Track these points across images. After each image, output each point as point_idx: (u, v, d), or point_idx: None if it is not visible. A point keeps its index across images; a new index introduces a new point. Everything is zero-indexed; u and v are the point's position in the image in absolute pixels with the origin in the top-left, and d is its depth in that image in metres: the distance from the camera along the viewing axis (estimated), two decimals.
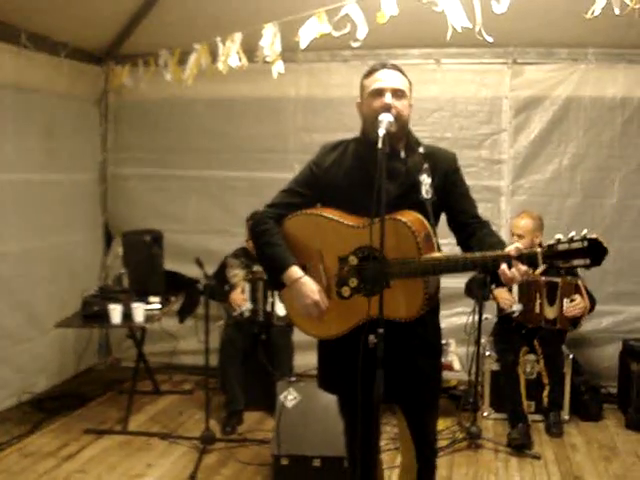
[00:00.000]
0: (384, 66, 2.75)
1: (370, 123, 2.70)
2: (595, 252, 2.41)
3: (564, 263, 2.45)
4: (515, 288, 4.89)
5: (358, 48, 4.05)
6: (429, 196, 2.73)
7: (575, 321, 4.79)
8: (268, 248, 2.80)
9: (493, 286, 4.90)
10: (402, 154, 2.78)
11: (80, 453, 4.41)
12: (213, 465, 4.28)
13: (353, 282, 2.75)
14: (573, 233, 2.43)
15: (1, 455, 4.32)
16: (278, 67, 4.38)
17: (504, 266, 2.49)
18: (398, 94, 2.70)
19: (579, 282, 4.77)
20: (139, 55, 5.50)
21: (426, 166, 2.76)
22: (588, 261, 2.42)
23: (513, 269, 2.48)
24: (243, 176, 5.93)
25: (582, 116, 5.39)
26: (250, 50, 4.45)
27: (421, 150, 2.81)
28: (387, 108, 2.66)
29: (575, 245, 2.42)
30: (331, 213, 2.77)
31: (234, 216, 5.78)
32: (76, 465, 4.24)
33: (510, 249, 2.51)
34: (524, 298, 4.89)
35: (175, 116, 6.01)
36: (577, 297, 4.74)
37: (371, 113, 2.70)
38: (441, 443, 4.53)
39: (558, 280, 4.78)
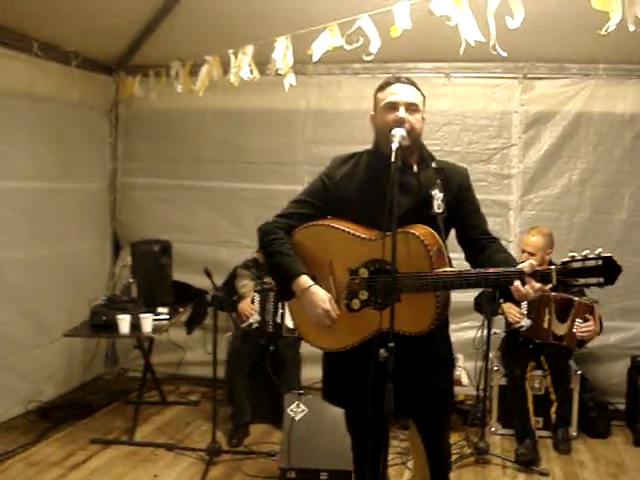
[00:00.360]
0: (398, 80, 2.76)
1: (383, 136, 2.71)
2: (609, 271, 2.40)
3: (577, 281, 2.44)
4: (524, 303, 4.87)
5: (368, 61, 4.04)
6: (440, 211, 2.73)
7: (582, 342, 4.77)
8: (277, 257, 2.79)
9: (501, 300, 4.88)
10: (415, 168, 2.79)
11: (86, 463, 4.41)
12: (219, 477, 4.26)
13: (363, 295, 2.75)
14: (587, 251, 2.43)
15: (7, 464, 4.31)
16: (290, 79, 4.39)
17: (517, 283, 2.48)
18: (412, 108, 2.72)
19: (595, 305, 4.75)
20: (150, 66, 5.52)
21: (438, 181, 2.77)
22: (602, 280, 2.41)
23: (527, 286, 2.48)
24: (252, 187, 5.93)
25: (592, 131, 5.38)
26: (262, 62, 4.46)
27: (434, 165, 2.82)
28: (401, 122, 2.67)
29: (589, 263, 2.41)
30: (342, 225, 2.78)
31: (242, 227, 5.81)
32: (82, 475, 4.24)
33: (524, 266, 2.52)
34: (533, 313, 4.86)
35: (185, 127, 6.02)
36: (590, 318, 4.72)
37: (384, 126, 2.70)
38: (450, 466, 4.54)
39: (575, 299, 4.75)
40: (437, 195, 2.74)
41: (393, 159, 2.53)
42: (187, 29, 5.17)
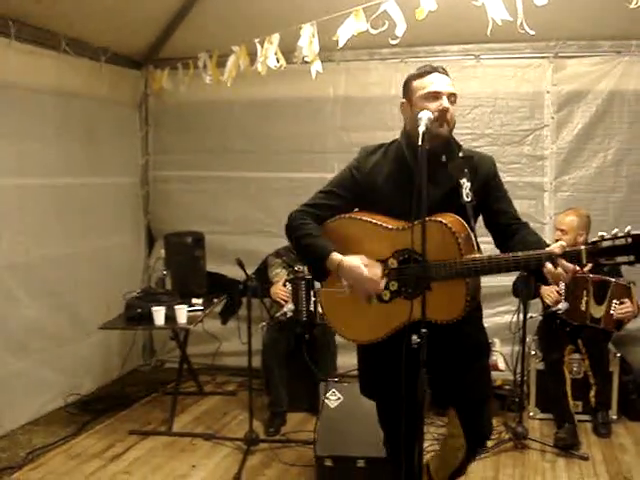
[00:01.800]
0: (435, 69, 2.76)
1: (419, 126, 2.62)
2: (639, 248, 2.36)
3: (608, 260, 2.42)
4: (562, 285, 4.80)
5: (396, 46, 4.02)
6: (469, 199, 2.75)
7: (619, 324, 4.69)
8: (307, 239, 2.81)
9: (539, 283, 4.83)
10: (443, 158, 2.78)
11: (125, 454, 4.45)
12: (257, 466, 4.28)
13: (393, 285, 2.76)
14: (616, 230, 2.40)
15: (48, 456, 4.37)
16: (316, 67, 4.36)
17: (549, 265, 2.46)
18: (451, 99, 2.73)
19: (632, 286, 4.67)
20: (178, 58, 5.52)
21: (466, 170, 2.77)
22: (632, 258, 2.38)
23: (559, 268, 2.46)
24: (282, 177, 5.93)
25: (626, 110, 5.28)
26: (288, 51, 4.44)
27: (461, 154, 2.82)
28: (445, 112, 2.68)
29: (619, 242, 2.39)
30: (369, 216, 2.78)
31: (274, 217, 5.80)
32: (121, 466, 4.28)
33: (554, 247, 2.50)
34: (570, 296, 4.79)
35: (214, 118, 6.03)
36: (627, 301, 4.64)
37: None
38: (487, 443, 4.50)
39: (612, 280, 4.67)
40: (465, 184, 2.75)
41: (420, 142, 2.51)
42: (213, 20, 5.18)
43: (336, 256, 2.73)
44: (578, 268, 2.50)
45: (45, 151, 4.99)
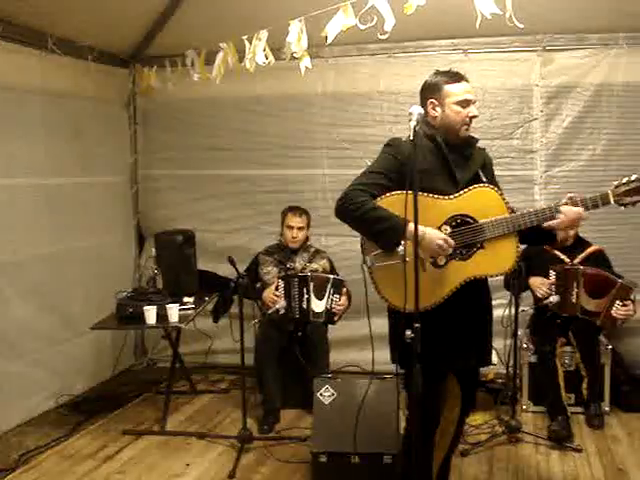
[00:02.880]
0: (463, 77, 3.16)
1: (454, 125, 3.10)
2: None
3: (631, 199, 3.00)
4: (552, 278, 4.81)
5: (385, 41, 4.01)
6: (485, 179, 3.14)
7: (615, 323, 4.71)
8: (377, 212, 2.97)
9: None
10: (468, 151, 3.19)
11: (119, 454, 4.43)
12: (251, 464, 4.27)
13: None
14: (627, 178, 3.02)
15: (41, 458, 4.34)
16: (305, 63, 4.35)
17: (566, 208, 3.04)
18: (476, 105, 3.16)
19: (634, 288, 4.69)
20: (165, 56, 5.52)
21: (479, 156, 3.23)
22: None
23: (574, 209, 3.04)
24: (272, 173, 5.93)
25: (614, 102, 5.29)
26: (277, 47, 4.43)
27: (478, 146, 3.26)
28: (474, 117, 3.11)
29: (633, 185, 3.00)
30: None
31: (264, 213, 5.82)
32: (115, 466, 4.26)
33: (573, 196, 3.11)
34: (561, 287, 4.80)
35: (203, 116, 6.02)
36: (629, 303, 4.66)
37: (459, 120, 3.09)
38: (481, 437, 4.53)
39: (618, 281, 4.66)
40: (481, 172, 3.16)
41: (412, 137, 2.69)
42: (200, 17, 5.15)
43: (412, 226, 2.84)
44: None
45: (33, 151, 4.96)
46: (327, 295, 4.93)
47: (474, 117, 3.11)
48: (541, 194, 5.46)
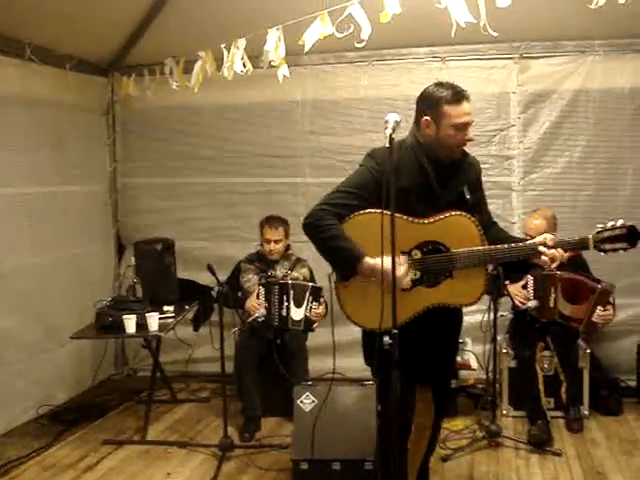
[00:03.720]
0: (465, 97, 3.00)
1: (446, 148, 3.01)
2: (632, 237, 2.91)
3: (612, 246, 2.92)
4: (531, 283, 4.85)
5: (363, 49, 4.03)
6: (469, 196, 3.09)
7: (596, 327, 4.76)
8: (338, 241, 2.93)
9: (507, 282, 4.87)
10: (454, 170, 3.11)
11: (99, 464, 4.41)
12: (232, 472, 4.26)
13: (415, 275, 2.99)
14: (612, 222, 2.94)
15: (21, 469, 4.31)
16: (283, 71, 4.36)
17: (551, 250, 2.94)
18: (472, 125, 3.05)
19: (612, 290, 4.75)
20: (144, 65, 5.51)
21: (468, 174, 3.16)
22: (627, 245, 2.92)
23: (552, 250, 2.92)
24: (252, 182, 5.93)
25: (591, 108, 5.35)
26: (255, 55, 4.44)
27: (467, 159, 3.19)
28: (469, 141, 3.02)
29: (616, 232, 2.93)
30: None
31: (245, 222, 5.82)
32: (96, 476, 4.23)
33: (545, 237, 2.98)
34: (540, 292, 4.84)
35: (183, 124, 6.01)
36: (610, 308, 4.71)
37: (453, 143, 3.00)
38: (461, 442, 4.55)
39: (598, 286, 4.70)
40: (466, 189, 3.10)
41: (388, 145, 2.68)
42: (178, 26, 5.15)
43: (369, 259, 2.88)
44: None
45: (13, 160, 4.93)
46: (306, 303, 4.93)
47: (470, 140, 3.03)
48: (519, 200, 5.51)
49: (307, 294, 4.93)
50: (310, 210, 3.03)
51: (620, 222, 2.93)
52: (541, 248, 2.93)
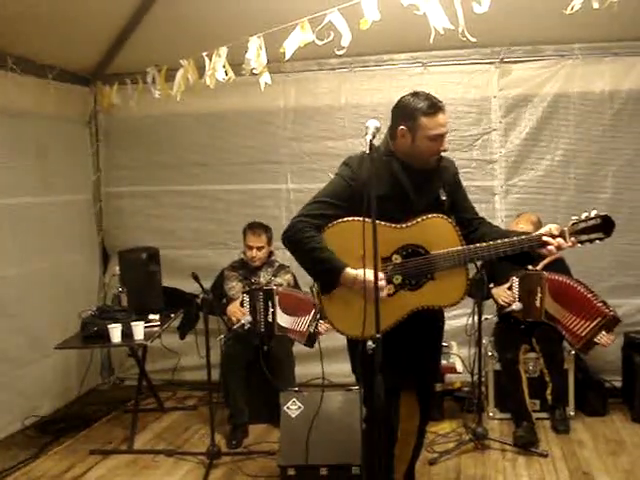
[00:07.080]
0: (441, 109, 3.02)
1: (421, 159, 3.05)
2: (607, 226, 2.96)
3: (588, 237, 2.97)
4: (516, 284, 4.88)
5: (345, 56, 4.07)
6: (444, 198, 3.12)
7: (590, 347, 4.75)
8: (318, 253, 2.95)
9: (492, 285, 4.90)
10: (429, 175, 3.14)
11: (86, 474, 4.39)
12: (220, 479, 4.26)
13: (397, 279, 3.01)
14: (586, 213, 2.96)
15: None
16: (265, 78, 4.37)
17: (552, 239, 2.97)
18: (447, 135, 3.06)
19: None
20: (126, 74, 5.52)
21: (444, 177, 3.17)
22: (602, 235, 2.97)
23: (559, 238, 2.96)
24: (236, 189, 5.94)
25: (572, 112, 5.39)
26: (237, 63, 4.45)
27: (441, 164, 3.18)
28: (445, 151, 3.06)
29: (591, 222, 2.96)
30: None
31: (229, 229, 5.82)
32: None
33: (544, 231, 3.00)
34: (525, 292, 4.85)
35: (166, 132, 6.02)
36: (612, 336, 4.69)
37: (429, 153, 3.03)
38: (448, 445, 4.57)
39: (610, 313, 4.61)
40: (442, 191, 3.12)
41: (368, 151, 2.72)
42: (160, 35, 5.16)
43: (351, 270, 2.92)
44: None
45: None
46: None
47: (444, 151, 3.06)
48: (502, 203, 5.54)
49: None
50: (289, 223, 3.05)
51: (594, 212, 2.97)
52: (545, 238, 2.96)
